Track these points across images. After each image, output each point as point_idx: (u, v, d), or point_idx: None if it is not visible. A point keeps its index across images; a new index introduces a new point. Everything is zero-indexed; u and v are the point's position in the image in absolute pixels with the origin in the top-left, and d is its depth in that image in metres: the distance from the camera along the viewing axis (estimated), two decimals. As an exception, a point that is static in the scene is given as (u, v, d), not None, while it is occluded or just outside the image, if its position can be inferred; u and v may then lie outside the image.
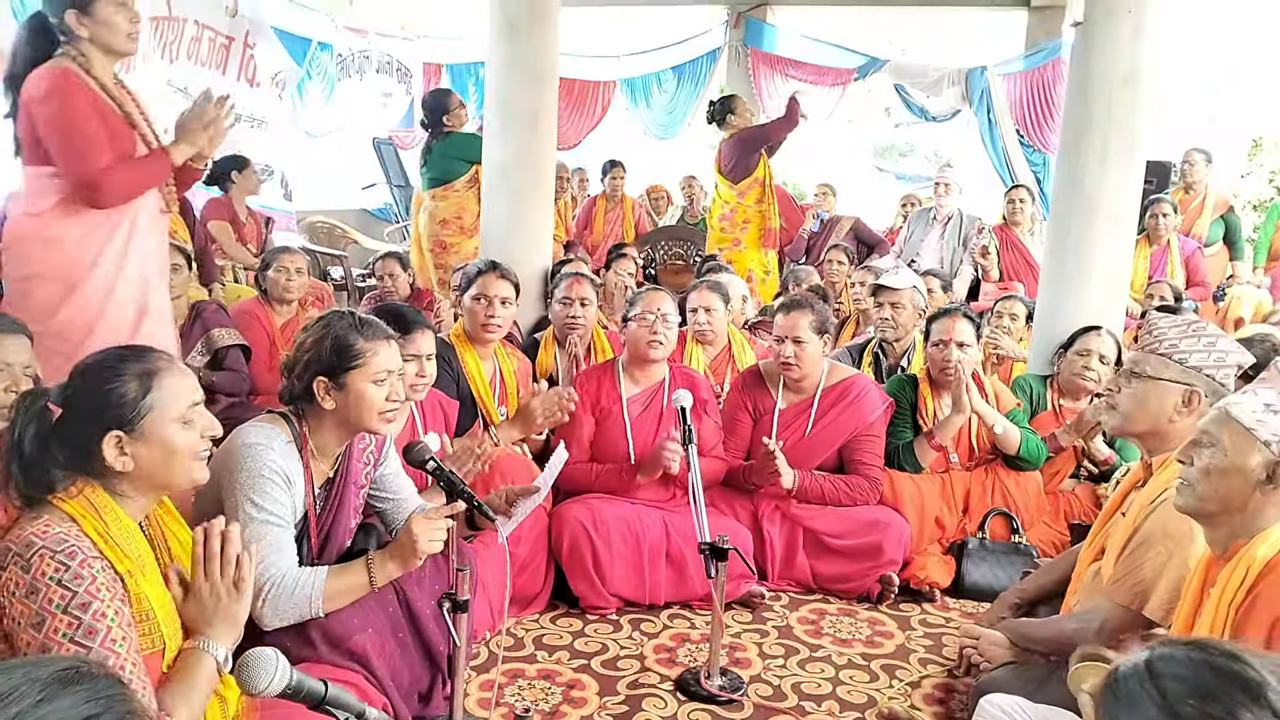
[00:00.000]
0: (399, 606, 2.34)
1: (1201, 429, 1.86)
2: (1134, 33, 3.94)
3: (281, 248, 4.72)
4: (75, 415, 1.68)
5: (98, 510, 1.65)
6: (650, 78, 10.23)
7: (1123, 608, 2.22)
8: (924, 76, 9.44)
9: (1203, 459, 1.83)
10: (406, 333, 2.75)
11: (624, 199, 8.32)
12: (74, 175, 2.62)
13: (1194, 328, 2.31)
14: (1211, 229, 6.75)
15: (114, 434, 1.67)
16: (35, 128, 2.64)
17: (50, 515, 1.61)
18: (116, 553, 1.63)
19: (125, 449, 1.68)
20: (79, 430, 1.66)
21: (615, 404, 3.37)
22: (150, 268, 2.82)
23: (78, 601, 1.52)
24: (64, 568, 1.53)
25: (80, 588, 1.53)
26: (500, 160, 5.01)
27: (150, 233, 2.81)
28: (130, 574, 1.63)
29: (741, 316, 4.81)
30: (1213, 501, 1.83)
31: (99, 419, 1.67)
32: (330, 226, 7.89)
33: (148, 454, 1.70)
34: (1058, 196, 4.25)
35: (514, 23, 4.87)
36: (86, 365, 1.75)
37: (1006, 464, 3.60)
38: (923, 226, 6.85)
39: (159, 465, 1.71)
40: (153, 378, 1.72)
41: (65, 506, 1.63)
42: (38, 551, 1.54)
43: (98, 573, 1.56)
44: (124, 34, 2.70)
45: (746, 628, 3.11)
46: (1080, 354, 3.79)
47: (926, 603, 3.34)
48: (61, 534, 1.57)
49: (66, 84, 2.62)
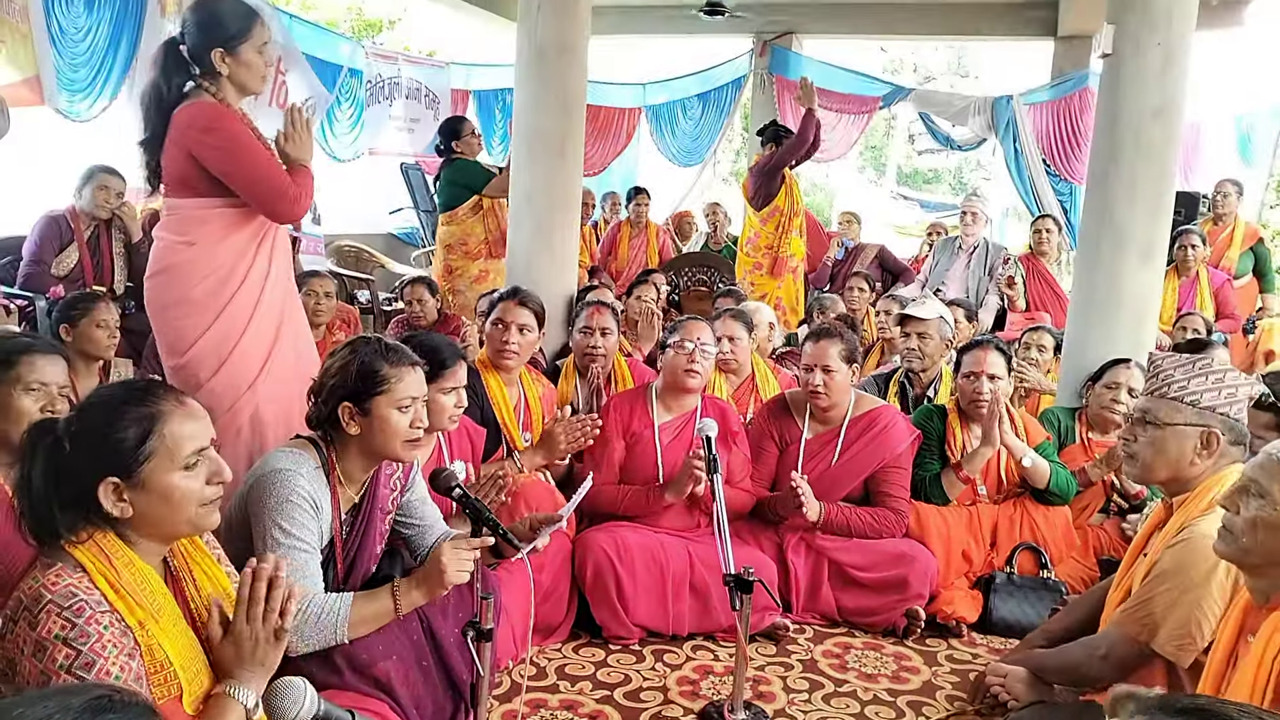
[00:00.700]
0: (423, 634, 2.34)
1: (1250, 477, 1.79)
2: (1163, 65, 3.92)
3: (310, 271, 4.78)
4: (77, 455, 1.62)
5: (109, 557, 1.61)
6: (676, 105, 10.30)
7: (1129, 638, 2.19)
8: (949, 105, 9.46)
9: (1250, 509, 1.77)
10: (447, 366, 2.76)
11: (649, 225, 8.36)
12: (263, 189, 2.74)
13: (1199, 366, 2.26)
14: (1241, 260, 6.70)
15: (111, 480, 1.61)
16: (195, 160, 2.73)
17: (62, 563, 1.57)
18: (128, 603, 1.59)
19: (124, 495, 1.62)
20: (80, 472, 1.61)
21: (647, 430, 3.37)
22: (286, 287, 2.95)
23: (82, 661, 1.49)
24: (70, 625, 1.50)
25: (86, 646, 1.50)
26: (527, 186, 5.05)
27: (284, 252, 2.95)
28: (142, 624, 1.60)
29: (769, 345, 4.80)
30: (1258, 554, 1.77)
31: (97, 463, 1.61)
32: (357, 250, 7.95)
33: (146, 502, 1.63)
34: (1087, 228, 4.22)
35: (543, 51, 4.92)
36: (90, 402, 1.70)
37: (1035, 498, 3.55)
38: (948, 255, 6.83)
39: (159, 513, 1.65)
40: (154, 422, 1.65)
41: (76, 553, 1.59)
42: (44, 607, 1.50)
43: (104, 629, 1.53)
44: (260, 75, 2.82)
45: (770, 661, 3.08)
46: (1109, 386, 3.76)
47: (953, 638, 3.29)
48: (70, 586, 1.53)
49: (225, 114, 2.75)
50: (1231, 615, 1.91)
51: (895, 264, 7.46)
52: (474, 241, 5.85)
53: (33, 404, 2.34)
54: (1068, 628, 2.70)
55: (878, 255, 7.41)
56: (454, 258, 5.90)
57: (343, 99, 7.83)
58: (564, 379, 4.06)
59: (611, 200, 8.93)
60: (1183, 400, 2.25)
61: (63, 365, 2.45)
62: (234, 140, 2.72)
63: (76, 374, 3.59)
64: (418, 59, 9.56)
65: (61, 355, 2.48)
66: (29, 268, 4.71)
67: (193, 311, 2.77)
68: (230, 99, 2.80)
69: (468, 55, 10.15)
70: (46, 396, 2.36)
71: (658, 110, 10.37)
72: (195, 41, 2.74)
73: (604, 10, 8.37)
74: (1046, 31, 9.22)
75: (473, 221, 5.84)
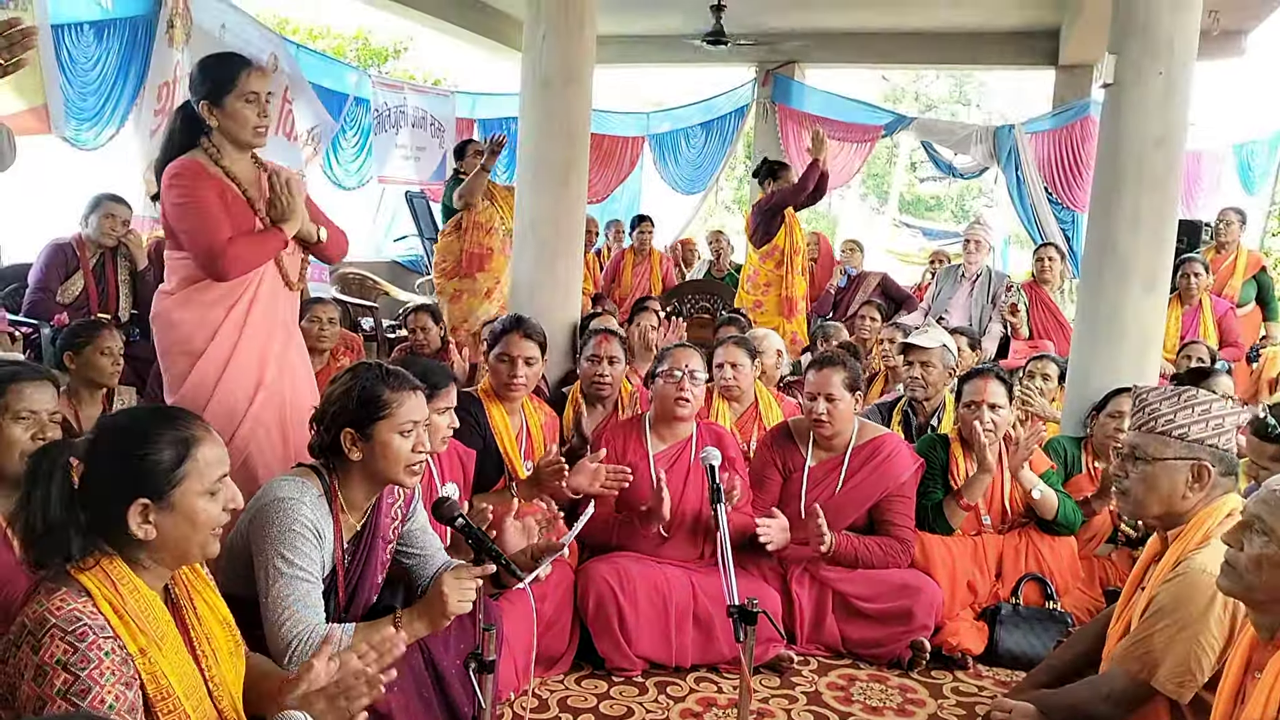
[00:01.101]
0: (424, 665, 2.32)
1: (1254, 514, 1.77)
2: (1165, 95, 3.95)
3: (314, 299, 4.79)
4: (101, 478, 1.62)
5: (115, 583, 1.61)
6: (679, 133, 10.36)
7: (1131, 676, 2.16)
8: (951, 134, 9.51)
9: (1254, 547, 1.75)
10: (440, 387, 2.76)
11: (652, 252, 8.38)
12: (199, 249, 2.74)
13: (1185, 398, 2.24)
14: (1244, 289, 6.70)
15: (141, 502, 1.62)
16: (164, 215, 2.80)
17: (67, 588, 1.57)
18: (131, 630, 1.59)
19: (150, 517, 1.63)
20: (103, 494, 1.61)
21: (642, 460, 3.35)
22: (269, 345, 2.90)
23: (78, 687, 1.48)
24: (72, 649, 1.50)
25: (84, 672, 1.49)
26: (532, 215, 5.07)
27: (270, 309, 2.90)
28: (144, 651, 1.59)
29: (776, 373, 4.79)
30: (1263, 591, 1.75)
31: (128, 485, 1.62)
32: (362, 278, 7.98)
33: (172, 524, 1.65)
34: (1089, 257, 4.23)
35: (547, 81, 4.96)
36: (116, 425, 1.71)
37: (1041, 528, 3.53)
38: (951, 283, 6.83)
39: (180, 537, 1.67)
40: (189, 446, 1.68)
41: (82, 578, 1.58)
42: (48, 631, 1.50)
43: (105, 655, 1.52)
44: (250, 127, 2.79)
45: (774, 693, 3.05)
46: (1112, 415, 3.75)
47: (959, 670, 3.27)
48: (75, 611, 1.53)
49: (189, 171, 2.76)
50: (1237, 652, 1.89)
51: (898, 292, 7.46)
52: (450, 261, 5.95)
53: (23, 433, 2.30)
54: (1071, 660, 2.67)
55: (880, 283, 7.41)
56: (437, 277, 6.05)
57: (348, 127, 7.90)
58: (570, 407, 4.06)
59: (615, 228, 8.97)
60: (1170, 434, 2.23)
61: (51, 391, 2.40)
62: (186, 197, 2.73)
63: (80, 401, 3.60)
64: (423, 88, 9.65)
65: (50, 381, 2.44)
66: (34, 295, 4.72)
67: (172, 363, 2.84)
68: (227, 154, 2.81)
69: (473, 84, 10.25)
70: (37, 424, 2.32)
71: (661, 139, 10.43)
72: (191, 96, 2.81)
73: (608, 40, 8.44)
74: (1048, 61, 9.29)
75: (451, 240, 5.96)
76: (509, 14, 8.97)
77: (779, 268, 6.45)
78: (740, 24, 8.81)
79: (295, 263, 3.01)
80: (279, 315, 2.94)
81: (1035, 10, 8.53)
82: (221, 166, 2.81)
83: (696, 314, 7.13)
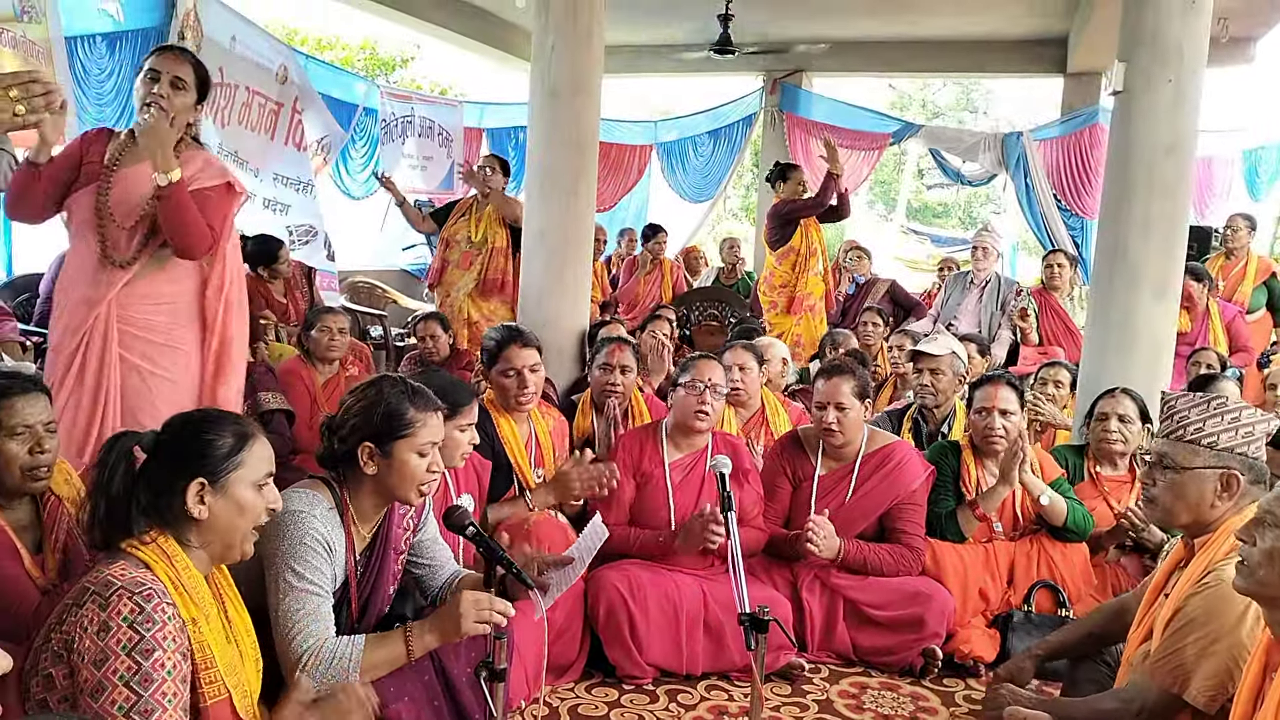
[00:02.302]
0: (435, 674, 2.32)
1: (1266, 509, 1.78)
2: (1174, 102, 3.94)
3: (325, 308, 4.80)
4: (165, 459, 1.76)
5: (169, 558, 1.71)
6: (686, 142, 10.38)
7: (1163, 690, 2.14)
8: (960, 141, 9.50)
9: (1266, 541, 1.75)
10: (461, 405, 2.76)
11: (663, 261, 8.40)
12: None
13: (1214, 405, 2.23)
14: (1255, 295, 6.67)
15: (199, 481, 1.74)
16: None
17: (125, 560, 1.67)
18: (185, 598, 1.69)
19: (205, 498, 1.75)
20: (166, 473, 1.74)
21: (657, 469, 3.35)
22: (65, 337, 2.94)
23: (143, 646, 1.56)
24: (139, 609, 1.58)
25: (149, 632, 1.57)
26: (540, 224, 5.08)
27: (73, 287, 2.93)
28: (195, 621, 1.68)
29: (782, 380, 4.79)
30: (1275, 586, 1.76)
31: (189, 465, 1.75)
32: (371, 286, 8.01)
33: (223, 509, 1.77)
34: (1100, 264, 4.22)
35: (556, 91, 4.97)
36: (187, 417, 1.86)
37: (1052, 535, 3.52)
38: (960, 290, 6.82)
39: (229, 522, 1.78)
40: (247, 439, 1.82)
41: (139, 553, 1.69)
42: (116, 591, 1.59)
43: (169, 619, 1.61)
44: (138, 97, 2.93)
45: (786, 701, 3.05)
46: (1100, 418, 3.73)
47: (971, 677, 3.25)
48: (139, 577, 1.63)
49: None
50: (1256, 654, 1.88)
51: (907, 299, 7.45)
52: (430, 271, 6.11)
53: (20, 448, 2.25)
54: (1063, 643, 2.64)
55: (889, 290, 7.40)
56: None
57: (358, 137, 7.93)
58: (581, 415, 4.06)
59: (629, 236, 8.99)
60: (1199, 442, 2.21)
61: (44, 401, 2.36)
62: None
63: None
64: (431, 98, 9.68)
65: (42, 391, 2.39)
66: (45, 305, 4.74)
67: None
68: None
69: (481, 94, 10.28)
70: (32, 437, 2.28)
71: (669, 147, 10.45)
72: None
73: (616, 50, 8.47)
74: (1056, 68, 9.28)
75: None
76: (517, 24, 9.01)
77: (793, 269, 6.53)
78: (748, 33, 8.83)
79: (121, 233, 2.88)
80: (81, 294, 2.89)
81: (1043, 18, 8.53)
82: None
83: (705, 322, 7.15)
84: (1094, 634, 2.62)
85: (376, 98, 8.07)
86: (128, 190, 2.89)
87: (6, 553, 2.18)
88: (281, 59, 6.57)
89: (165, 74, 2.93)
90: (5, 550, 2.18)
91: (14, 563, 2.17)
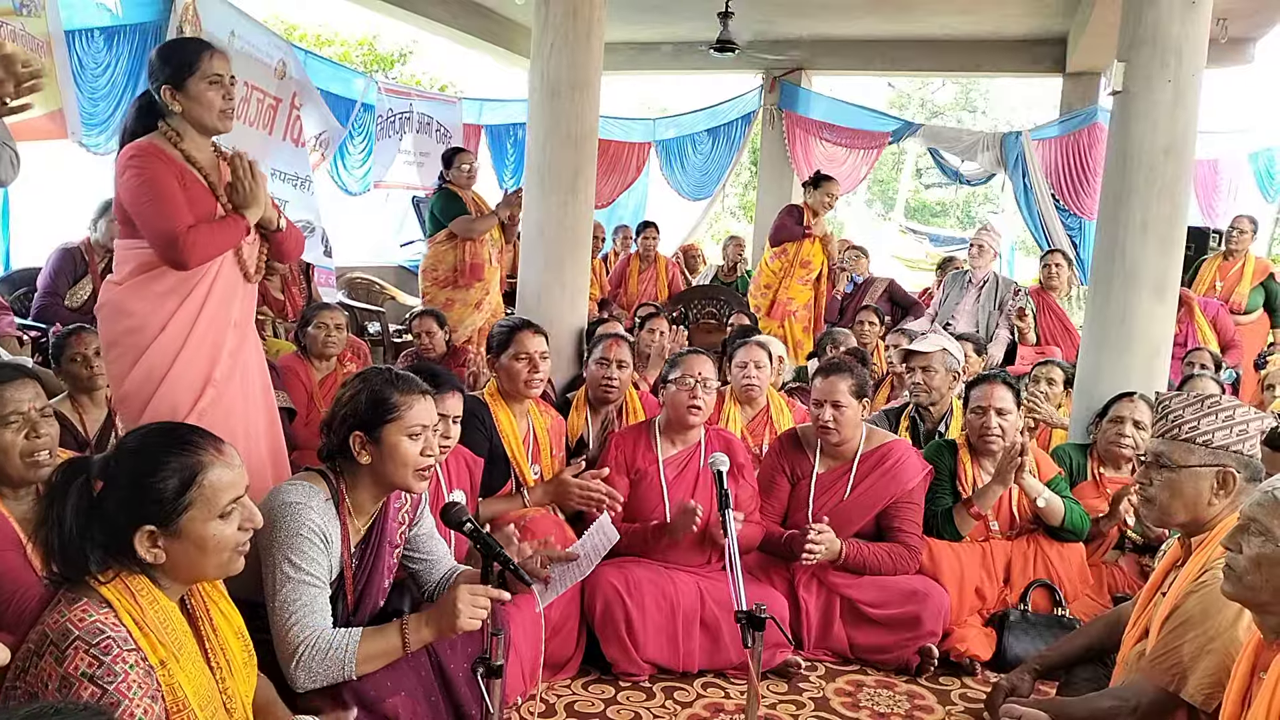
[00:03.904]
0: (431, 669, 2.32)
1: (1249, 515, 1.78)
2: (1174, 102, 3.94)
3: (322, 304, 4.80)
4: (112, 501, 1.64)
5: (134, 595, 1.62)
6: (685, 140, 10.38)
7: (1159, 689, 2.15)
8: (959, 141, 9.50)
9: (1252, 548, 1.76)
10: (443, 386, 2.78)
11: (658, 258, 8.40)
12: (158, 236, 2.61)
13: (1208, 404, 2.24)
14: (1251, 296, 6.69)
15: (147, 528, 1.63)
16: (120, 199, 2.68)
17: (88, 599, 1.58)
18: (151, 640, 1.60)
19: (158, 543, 1.64)
20: (115, 517, 1.63)
21: (651, 465, 3.35)
22: (221, 341, 2.77)
23: (108, 700, 1.49)
24: (97, 663, 1.50)
25: (111, 685, 1.50)
26: (539, 221, 5.08)
27: (226, 303, 2.78)
28: (164, 663, 1.61)
29: (778, 379, 4.79)
30: (1264, 591, 1.76)
31: (135, 511, 1.63)
32: (368, 282, 8.00)
33: (180, 550, 1.66)
34: (1098, 264, 4.22)
35: (555, 88, 4.97)
36: (129, 447, 1.71)
37: (1049, 534, 3.52)
38: (958, 289, 6.83)
39: (191, 560, 1.68)
40: (196, 473, 1.67)
41: (103, 590, 1.60)
42: (72, 644, 1.51)
43: (130, 668, 1.53)
44: (216, 110, 2.69)
45: (782, 698, 3.05)
46: (1114, 421, 3.74)
47: (967, 676, 3.25)
48: (98, 623, 1.54)
49: (146, 154, 2.64)
50: (1245, 654, 1.89)
51: (905, 298, 7.46)
52: (443, 269, 5.94)
53: (15, 435, 2.24)
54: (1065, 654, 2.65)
55: (887, 289, 7.41)
56: (426, 284, 6.02)
57: (356, 133, 7.91)
58: (575, 412, 4.06)
59: (623, 233, 8.99)
60: (1195, 441, 2.22)
61: (33, 387, 2.34)
62: (141, 180, 2.60)
63: (82, 407, 3.58)
64: (430, 94, 9.67)
65: (29, 376, 2.37)
66: (43, 299, 4.74)
67: (117, 356, 2.69)
68: (188, 138, 2.71)
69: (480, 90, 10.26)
70: (26, 423, 2.27)
71: (667, 145, 10.45)
72: (151, 83, 2.70)
73: (616, 47, 8.46)
74: (1055, 68, 9.28)
75: (446, 250, 5.94)
76: (517, 21, 9.00)
77: (779, 272, 6.60)
78: (747, 31, 8.83)
79: (254, 254, 2.87)
80: (234, 309, 2.80)
81: (1043, 18, 8.52)
82: (181, 150, 2.69)
83: (703, 319, 7.15)
84: (1093, 646, 2.63)
85: (375, 93, 8.06)
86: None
87: (9, 543, 2.17)
88: (280, 54, 6.56)
89: (227, 76, 2.72)
90: (8, 541, 2.18)
91: (17, 554, 2.16)
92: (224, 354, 2.74)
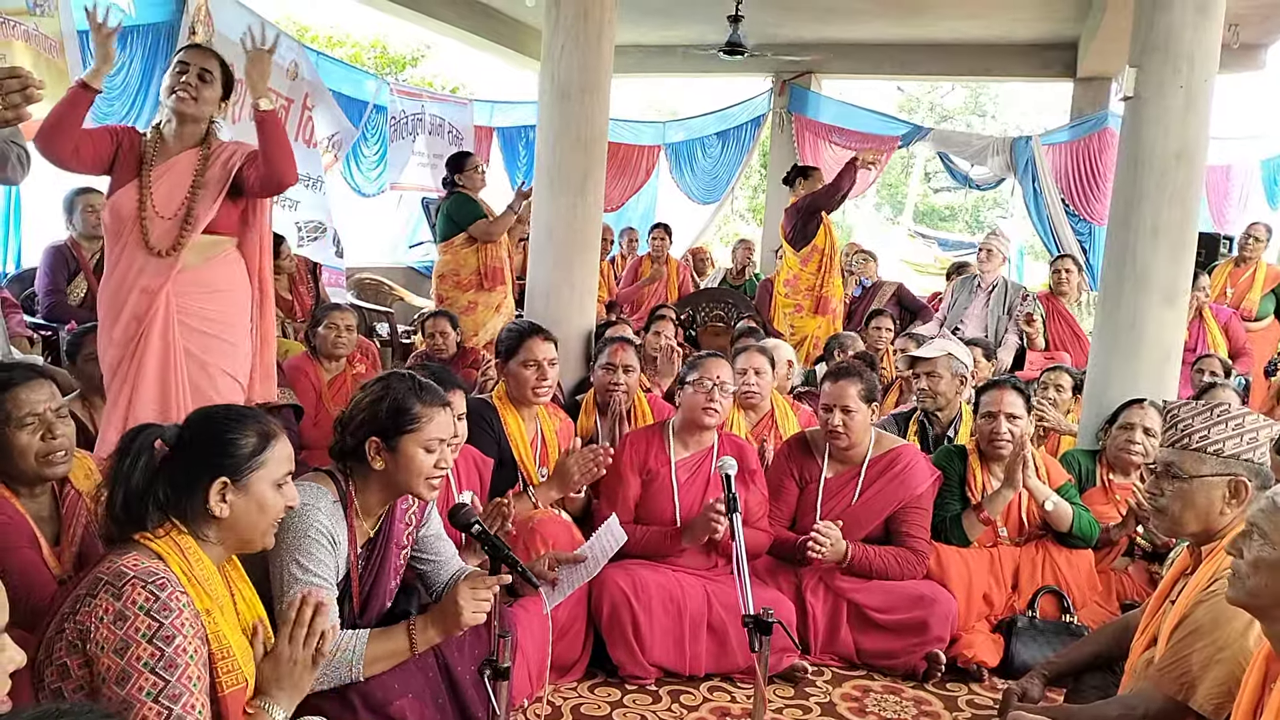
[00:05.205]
0: (438, 672, 2.32)
1: (1252, 520, 1.78)
2: (1185, 108, 3.93)
3: (333, 305, 4.81)
4: (188, 456, 1.77)
5: (182, 551, 1.72)
6: (695, 143, 10.38)
7: (1168, 698, 2.14)
8: (968, 145, 9.49)
9: (1253, 551, 1.75)
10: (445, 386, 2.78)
11: (669, 261, 8.40)
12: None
13: (1218, 412, 2.22)
14: (1262, 303, 6.66)
15: (222, 479, 1.76)
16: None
17: (138, 551, 1.67)
18: (198, 590, 1.69)
19: (227, 496, 1.76)
20: (188, 470, 1.75)
21: (663, 467, 3.35)
22: (114, 327, 2.99)
23: (163, 633, 1.57)
24: (154, 598, 1.58)
25: (167, 619, 1.58)
26: (547, 222, 5.09)
27: (123, 279, 2.97)
28: (209, 613, 1.69)
29: (787, 383, 4.79)
30: (1265, 595, 1.75)
31: (211, 463, 1.76)
32: (377, 283, 8.01)
33: (244, 507, 1.78)
34: (1108, 269, 4.21)
35: (565, 91, 4.98)
36: (210, 413, 1.87)
37: (1058, 540, 3.51)
38: (967, 294, 6.81)
39: (249, 520, 1.80)
40: (270, 438, 1.83)
41: (152, 545, 1.70)
42: (129, 580, 1.59)
43: (184, 606, 1.62)
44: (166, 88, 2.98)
45: (789, 703, 3.04)
46: (1124, 428, 3.73)
47: (974, 683, 3.24)
48: (151, 567, 1.63)
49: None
50: (1255, 665, 1.88)
51: (913, 302, 7.44)
52: (466, 272, 5.92)
53: (31, 437, 2.23)
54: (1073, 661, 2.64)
55: (895, 293, 7.40)
56: (445, 288, 5.97)
57: (369, 134, 7.93)
58: (584, 414, 4.06)
59: (629, 236, 8.99)
60: (1206, 450, 2.21)
61: (48, 388, 2.32)
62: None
63: (93, 406, 3.58)
64: (442, 96, 9.68)
65: (44, 376, 2.36)
66: (49, 298, 4.70)
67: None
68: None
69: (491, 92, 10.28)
70: (42, 424, 2.25)
71: (677, 148, 10.45)
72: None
73: (626, 50, 8.48)
74: (1065, 73, 9.27)
75: (467, 253, 5.91)
76: (527, 23, 9.02)
77: (819, 270, 6.53)
78: (757, 34, 8.82)
79: (164, 224, 2.99)
80: (139, 284, 2.96)
81: (1053, 22, 8.51)
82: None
83: (711, 322, 7.15)
84: (1101, 653, 2.62)
85: (387, 95, 8.08)
86: (168, 183, 3.02)
87: (27, 540, 2.18)
88: (293, 55, 6.57)
89: (194, 65, 3.03)
90: (26, 538, 2.18)
91: (35, 551, 2.17)
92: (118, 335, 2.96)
